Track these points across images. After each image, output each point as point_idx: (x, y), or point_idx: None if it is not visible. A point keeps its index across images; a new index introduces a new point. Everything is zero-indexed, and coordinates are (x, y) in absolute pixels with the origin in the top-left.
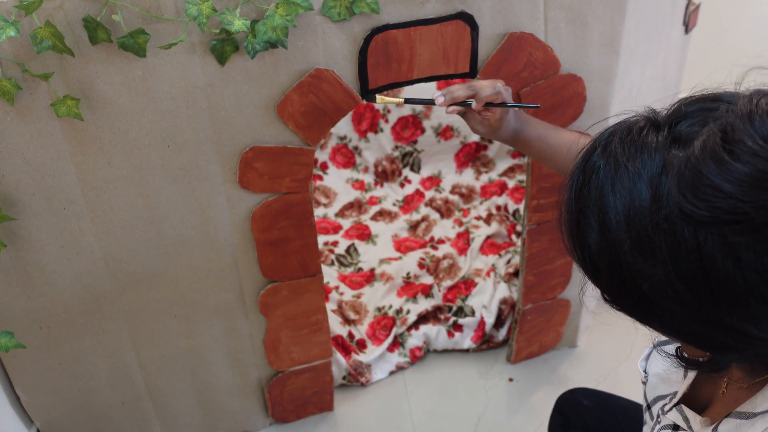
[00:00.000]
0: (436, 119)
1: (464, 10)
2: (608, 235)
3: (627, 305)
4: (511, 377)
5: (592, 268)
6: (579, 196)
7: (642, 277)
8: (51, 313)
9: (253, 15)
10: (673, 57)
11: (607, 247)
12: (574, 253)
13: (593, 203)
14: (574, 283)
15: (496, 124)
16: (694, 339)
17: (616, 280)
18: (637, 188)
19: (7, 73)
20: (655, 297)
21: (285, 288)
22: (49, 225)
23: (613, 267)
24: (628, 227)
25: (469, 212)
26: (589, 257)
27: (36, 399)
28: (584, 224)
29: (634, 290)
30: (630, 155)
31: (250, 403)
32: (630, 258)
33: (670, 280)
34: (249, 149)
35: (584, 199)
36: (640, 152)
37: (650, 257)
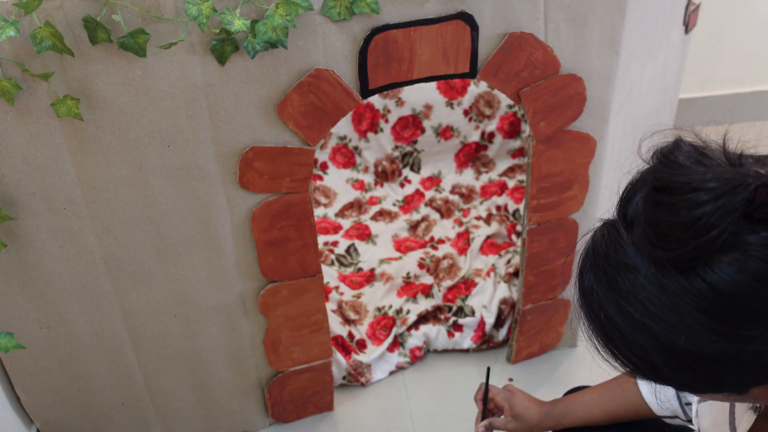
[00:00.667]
0: (436, 119)
1: (464, 10)
2: (643, 333)
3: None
4: (511, 377)
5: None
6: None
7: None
8: (51, 313)
9: (253, 15)
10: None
11: (649, 342)
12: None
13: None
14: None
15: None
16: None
17: (674, 363)
18: (634, 281)
19: (7, 73)
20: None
21: (285, 288)
22: (48, 225)
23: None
24: (650, 315)
25: (469, 212)
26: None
27: (36, 399)
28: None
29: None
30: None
31: (250, 403)
32: (671, 336)
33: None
34: (249, 149)
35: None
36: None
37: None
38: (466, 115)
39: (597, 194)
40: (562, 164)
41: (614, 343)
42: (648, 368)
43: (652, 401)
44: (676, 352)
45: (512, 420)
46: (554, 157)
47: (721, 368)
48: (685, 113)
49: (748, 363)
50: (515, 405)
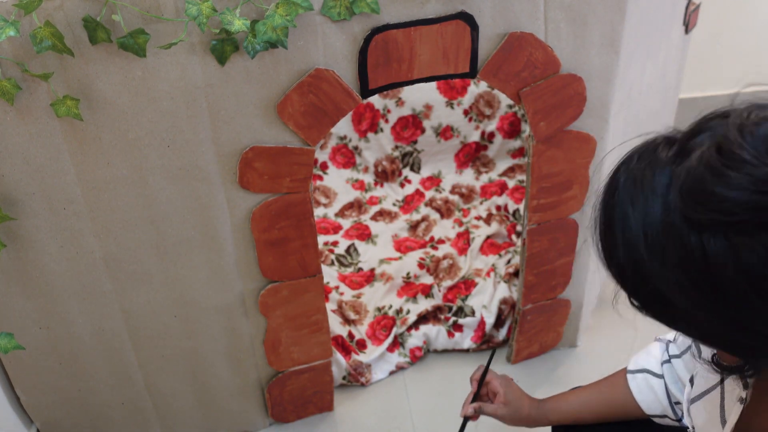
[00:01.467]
0: (436, 119)
1: (464, 10)
2: (630, 245)
3: (653, 311)
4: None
5: (619, 276)
6: (605, 212)
7: (661, 283)
8: (51, 313)
9: (253, 15)
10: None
11: (630, 255)
12: (604, 262)
13: (618, 217)
14: (574, 283)
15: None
16: (721, 342)
17: (641, 287)
18: (650, 201)
19: (7, 73)
20: (676, 302)
21: (285, 288)
22: (48, 225)
23: (637, 275)
24: (645, 237)
25: (469, 212)
26: (617, 266)
27: (36, 399)
28: (611, 238)
29: (657, 297)
30: (644, 168)
31: (250, 403)
32: (648, 266)
33: (683, 285)
34: (249, 149)
35: (610, 215)
36: (652, 166)
37: (664, 264)
38: (466, 115)
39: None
40: (562, 164)
41: (609, 244)
42: (622, 278)
43: (641, 400)
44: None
45: (503, 406)
46: (554, 157)
47: (676, 315)
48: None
49: (698, 324)
50: (509, 393)
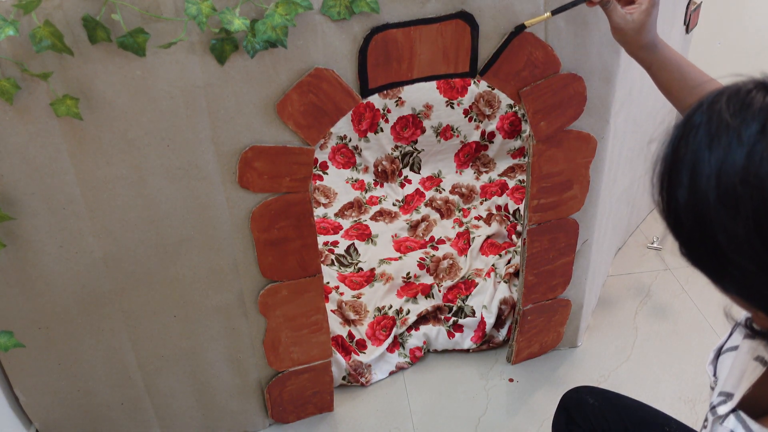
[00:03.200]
0: (436, 119)
1: (464, 10)
2: (697, 189)
3: (703, 261)
4: (512, 378)
5: (675, 220)
6: (676, 150)
7: (723, 231)
8: (50, 313)
9: (253, 14)
10: None
11: (694, 200)
12: (661, 204)
13: (688, 158)
14: (574, 283)
15: (640, 19)
16: (765, 304)
17: (696, 234)
18: (733, 144)
19: (6, 73)
20: (733, 254)
21: (285, 288)
22: (48, 225)
23: (696, 220)
24: (717, 182)
25: (469, 212)
26: (675, 210)
27: (35, 399)
28: (675, 178)
29: (712, 246)
30: (733, 113)
31: (249, 403)
32: (714, 212)
33: (749, 237)
34: (248, 149)
35: (680, 153)
36: (742, 111)
37: (734, 212)
38: (466, 114)
39: (597, 194)
40: (563, 164)
41: (671, 185)
42: (677, 225)
43: None
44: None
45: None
46: (554, 157)
47: (727, 271)
48: None
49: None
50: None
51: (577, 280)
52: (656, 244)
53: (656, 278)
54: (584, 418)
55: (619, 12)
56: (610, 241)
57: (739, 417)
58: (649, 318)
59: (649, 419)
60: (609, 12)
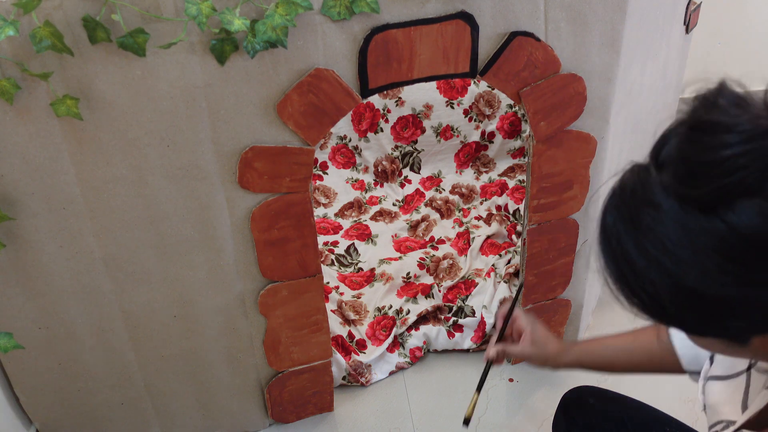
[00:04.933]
0: (436, 119)
1: (464, 10)
2: (658, 271)
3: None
4: (512, 378)
5: (658, 309)
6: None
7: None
8: (50, 313)
9: (253, 14)
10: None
11: (663, 280)
12: (640, 305)
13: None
14: (574, 283)
15: (530, 350)
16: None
17: (684, 302)
18: (657, 219)
19: (6, 73)
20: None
21: (285, 288)
22: (48, 225)
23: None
24: (667, 253)
25: (469, 212)
26: (654, 302)
27: (35, 399)
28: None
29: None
30: (634, 200)
31: (249, 403)
32: (684, 274)
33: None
34: (249, 149)
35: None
36: (642, 191)
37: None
38: (466, 114)
39: (597, 194)
40: (563, 164)
41: (627, 278)
42: (655, 305)
43: (683, 354)
44: (685, 290)
45: (529, 346)
46: (554, 157)
47: (725, 311)
48: None
49: (753, 308)
50: (536, 330)
51: (577, 280)
52: None
53: None
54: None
55: (516, 349)
56: None
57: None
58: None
59: (649, 419)
60: (509, 354)
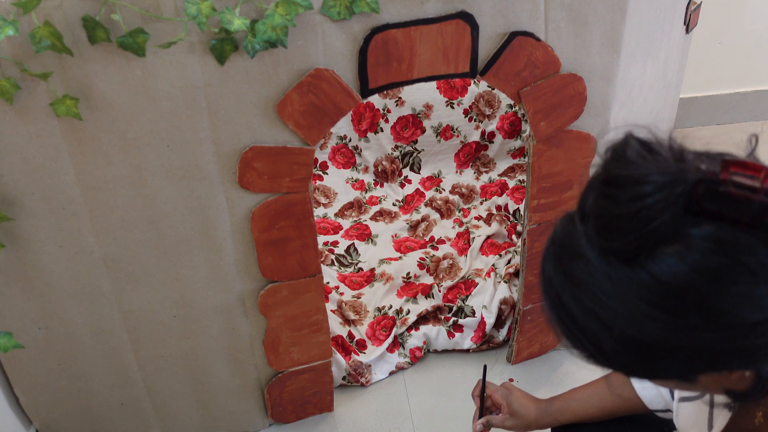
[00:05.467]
0: (436, 119)
1: (464, 10)
2: (595, 320)
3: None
4: (512, 378)
5: (597, 353)
6: (558, 312)
7: (634, 330)
8: (50, 313)
9: (253, 14)
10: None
11: (601, 327)
12: (582, 353)
13: (572, 307)
14: None
15: (511, 422)
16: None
17: (621, 350)
18: (589, 271)
19: (6, 73)
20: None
21: (285, 288)
22: (47, 225)
23: (615, 340)
24: (601, 304)
25: (470, 212)
26: (595, 347)
27: (35, 399)
28: (575, 327)
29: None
30: (564, 255)
31: (249, 403)
32: (617, 323)
33: (655, 317)
34: (248, 149)
35: (562, 310)
36: (570, 244)
37: (629, 312)
38: (467, 114)
39: None
40: (563, 164)
41: (569, 328)
42: (599, 354)
43: (643, 395)
44: (622, 338)
45: (510, 417)
46: (555, 157)
47: (663, 355)
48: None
49: (689, 350)
50: (513, 402)
51: None
52: None
53: None
54: None
55: (498, 420)
56: None
57: None
58: None
59: (647, 420)
60: (493, 425)
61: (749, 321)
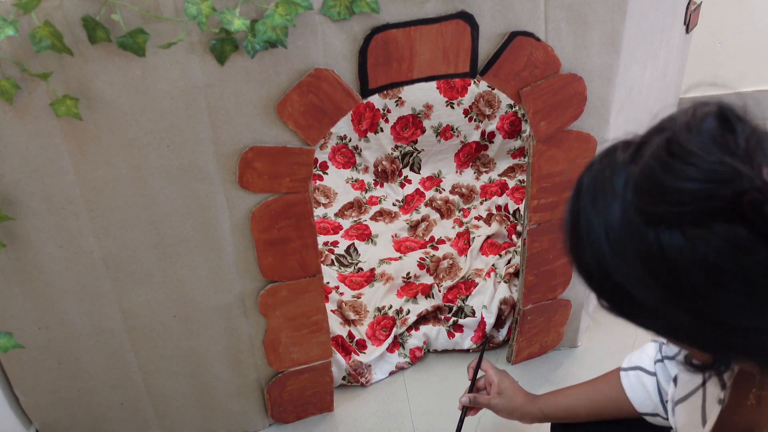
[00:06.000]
0: (436, 119)
1: (464, 10)
2: (594, 246)
3: (621, 310)
4: None
5: (587, 276)
6: (572, 215)
7: (625, 280)
8: (50, 313)
9: (253, 14)
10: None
11: (595, 257)
12: (575, 266)
13: (582, 220)
14: (574, 283)
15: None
16: (687, 337)
17: (606, 286)
18: (610, 201)
19: (6, 73)
20: (640, 298)
21: (285, 288)
22: (47, 225)
23: (602, 274)
24: (607, 236)
25: (470, 212)
26: (585, 268)
27: (35, 399)
28: (577, 239)
29: (622, 293)
30: (605, 174)
31: (249, 403)
32: (612, 264)
33: (645, 280)
34: (248, 149)
35: (575, 217)
36: (611, 170)
37: (626, 261)
38: (467, 114)
39: None
40: (563, 164)
41: (576, 245)
42: (590, 278)
43: (633, 397)
44: (612, 280)
45: (496, 396)
46: (555, 157)
47: (645, 313)
48: None
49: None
50: (503, 383)
51: (577, 280)
52: None
53: None
54: None
55: (484, 399)
56: None
57: None
58: (619, 317)
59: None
60: (479, 403)
61: (730, 323)
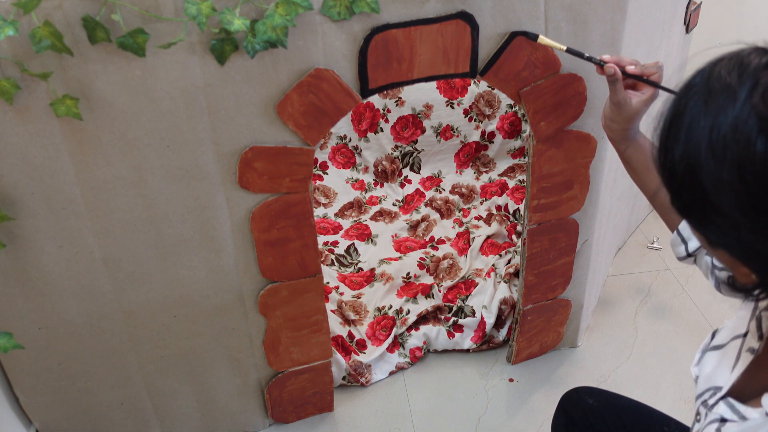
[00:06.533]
0: (436, 119)
1: (464, 10)
2: (691, 142)
3: (692, 210)
4: (512, 378)
5: (669, 173)
6: (676, 108)
7: (709, 178)
8: (50, 313)
9: (253, 14)
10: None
11: (687, 150)
12: (659, 159)
13: (686, 114)
14: (574, 283)
15: (637, 107)
16: (748, 255)
17: (687, 182)
18: (727, 102)
19: (6, 73)
20: (718, 201)
21: (285, 288)
22: (48, 225)
23: (687, 169)
24: (710, 135)
25: (470, 212)
26: (671, 163)
27: (35, 399)
28: (673, 134)
29: (700, 194)
30: (729, 73)
31: (249, 403)
32: (705, 165)
33: (732, 183)
34: (248, 149)
35: (679, 111)
36: (739, 71)
37: (722, 164)
38: (467, 114)
39: (597, 194)
40: (563, 164)
41: (670, 140)
42: (671, 175)
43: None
44: (695, 180)
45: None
46: (555, 157)
47: (713, 219)
48: None
49: (732, 231)
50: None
51: (577, 280)
52: (656, 244)
53: (656, 278)
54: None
55: (622, 93)
56: (610, 241)
57: (728, 402)
58: (649, 318)
59: (648, 419)
60: (614, 89)
61: None
